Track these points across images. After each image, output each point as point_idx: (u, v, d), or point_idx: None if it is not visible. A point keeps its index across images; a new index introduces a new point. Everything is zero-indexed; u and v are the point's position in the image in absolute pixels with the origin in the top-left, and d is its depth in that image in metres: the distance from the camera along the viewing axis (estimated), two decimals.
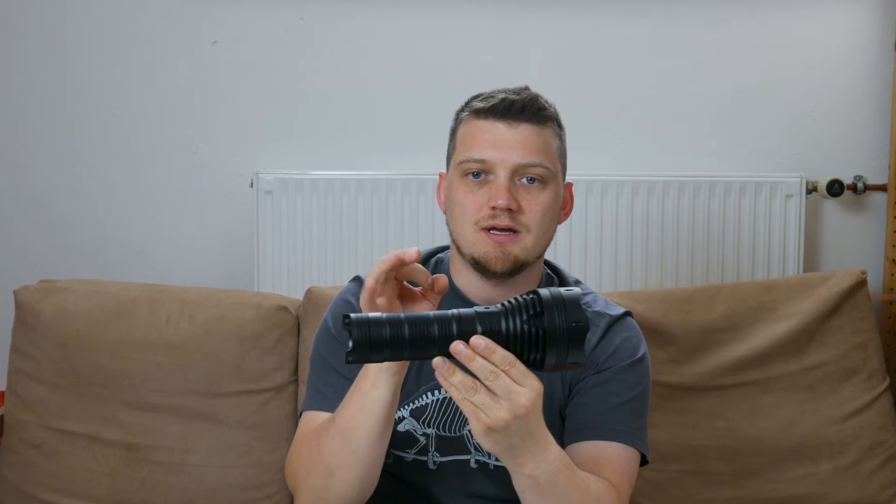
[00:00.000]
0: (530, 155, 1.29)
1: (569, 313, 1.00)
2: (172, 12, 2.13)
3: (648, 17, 2.16)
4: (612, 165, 2.17)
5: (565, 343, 1.00)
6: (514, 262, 1.28)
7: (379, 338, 0.99)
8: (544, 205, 1.30)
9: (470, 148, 1.31)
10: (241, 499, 1.78)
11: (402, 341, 1.00)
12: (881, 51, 2.19)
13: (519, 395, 1.00)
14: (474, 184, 1.30)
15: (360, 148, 2.15)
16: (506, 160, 1.28)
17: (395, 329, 1.00)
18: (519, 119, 1.30)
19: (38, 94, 2.15)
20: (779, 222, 2.12)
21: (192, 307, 1.83)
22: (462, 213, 1.30)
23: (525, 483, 1.10)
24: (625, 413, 1.30)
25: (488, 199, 1.28)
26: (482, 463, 1.33)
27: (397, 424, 1.33)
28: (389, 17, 2.14)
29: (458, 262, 1.35)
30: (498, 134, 1.30)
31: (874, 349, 1.92)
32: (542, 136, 1.31)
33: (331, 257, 2.08)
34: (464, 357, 0.99)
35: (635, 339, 1.37)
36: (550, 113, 1.34)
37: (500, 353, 1.00)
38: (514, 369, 1.00)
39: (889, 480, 1.86)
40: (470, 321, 1.01)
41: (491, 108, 1.30)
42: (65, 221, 2.18)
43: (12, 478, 1.81)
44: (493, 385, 0.99)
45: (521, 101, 1.30)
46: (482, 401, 1.00)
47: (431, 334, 1.00)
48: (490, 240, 1.28)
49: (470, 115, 1.33)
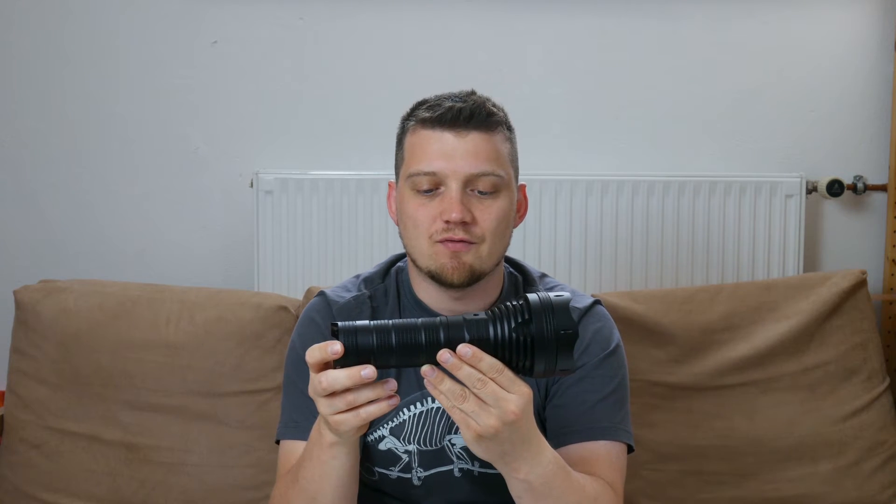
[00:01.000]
0: (481, 164, 1.25)
1: (557, 319, 1.00)
2: (172, 12, 2.13)
3: (648, 17, 2.16)
4: (612, 165, 2.17)
5: (553, 350, 1.00)
6: (469, 273, 1.26)
7: (366, 346, 0.99)
8: (499, 214, 1.27)
9: (419, 160, 1.26)
10: (241, 499, 1.78)
11: (388, 349, 0.99)
12: (881, 51, 2.19)
13: (508, 402, 0.99)
14: (425, 196, 1.26)
15: (360, 148, 2.15)
16: (457, 171, 1.24)
17: (381, 337, 0.99)
18: (467, 127, 1.25)
19: (38, 94, 2.15)
20: (779, 222, 2.12)
21: (192, 307, 1.83)
22: (415, 226, 1.27)
23: (520, 488, 1.09)
24: (606, 409, 1.29)
25: (441, 212, 1.24)
26: (466, 471, 1.33)
27: (378, 444, 1.32)
28: (389, 17, 2.14)
29: (416, 274, 1.32)
30: (446, 144, 1.25)
31: (874, 349, 1.92)
32: (491, 143, 1.27)
33: (331, 257, 2.08)
34: (450, 366, 0.99)
35: (606, 329, 1.35)
36: (499, 118, 1.29)
37: (487, 361, 0.99)
38: (501, 376, 1.00)
39: (889, 480, 1.86)
40: (458, 328, 1.01)
41: (438, 118, 1.26)
42: (65, 221, 2.18)
43: (12, 478, 1.81)
44: (482, 392, 0.99)
45: (468, 108, 1.25)
46: (471, 408, 0.99)
47: (419, 342, 1.00)
48: (446, 249, 1.24)
49: (416, 125, 1.29)
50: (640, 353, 1.85)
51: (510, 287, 1.37)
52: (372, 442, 1.33)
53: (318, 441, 1.12)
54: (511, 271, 1.40)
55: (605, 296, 1.87)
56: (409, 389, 1.31)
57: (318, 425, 1.12)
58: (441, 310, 1.32)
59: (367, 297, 1.35)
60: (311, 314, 1.36)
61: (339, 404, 1.01)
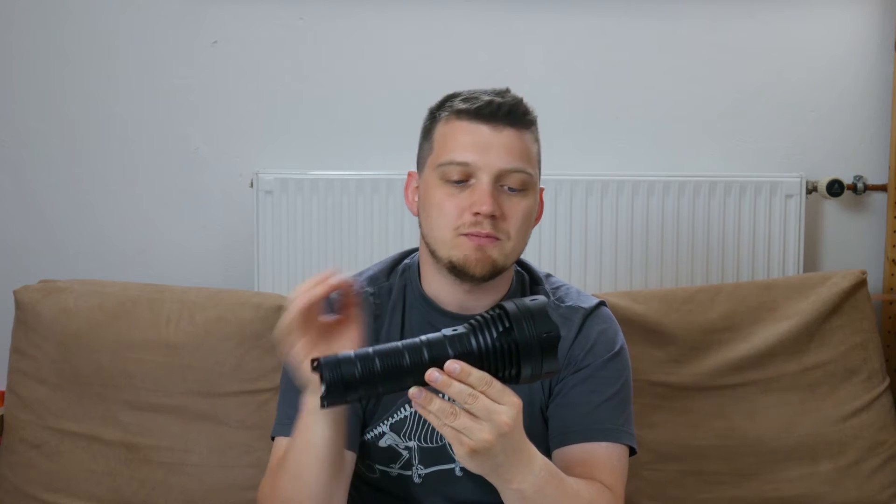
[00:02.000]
0: (514, 160, 1.26)
1: (538, 324, 1.00)
2: (172, 12, 2.13)
3: (648, 17, 2.16)
4: (612, 165, 2.17)
5: (538, 354, 1.00)
6: (492, 266, 1.26)
7: (351, 377, 0.98)
8: (525, 212, 1.28)
9: (451, 150, 1.26)
10: (241, 499, 1.78)
11: (374, 376, 0.98)
12: (881, 51, 2.19)
13: (500, 414, 0.99)
14: (455, 187, 1.26)
15: (360, 148, 2.15)
16: (490, 164, 1.24)
17: (366, 365, 0.98)
18: (503, 122, 1.26)
19: (38, 94, 2.15)
20: (779, 222, 2.12)
21: (192, 307, 1.83)
22: (441, 216, 1.26)
23: (513, 497, 1.09)
24: (609, 410, 1.29)
25: (470, 204, 1.24)
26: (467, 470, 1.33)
27: (378, 440, 1.32)
28: (389, 17, 2.14)
29: (430, 267, 1.32)
30: (481, 137, 1.25)
31: (874, 349, 1.92)
32: (524, 141, 1.28)
33: (331, 257, 2.08)
34: (440, 384, 0.98)
35: (611, 330, 1.35)
36: (532, 118, 1.31)
37: (475, 375, 0.99)
38: (491, 388, 0.99)
39: (889, 480, 1.86)
40: (440, 346, 1.00)
41: (476, 110, 1.26)
42: (65, 221, 2.18)
43: (12, 478, 1.81)
44: (473, 407, 0.99)
45: (506, 104, 1.27)
46: (464, 424, 0.99)
47: (403, 365, 0.99)
48: (470, 242, 1.24)
49: (451, 116, 1.28)
50: (640, 353, 1.85)
51: (518, 285, 1.37)
52: (372, 438, 1.33)
53: (303, 411, 1.14)
54: (518, 270, 1.40)
55: (605, 296, 1.86)
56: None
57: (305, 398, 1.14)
58: (450, 304, 1.32)
59: (369, 294, 1.35)
60: None
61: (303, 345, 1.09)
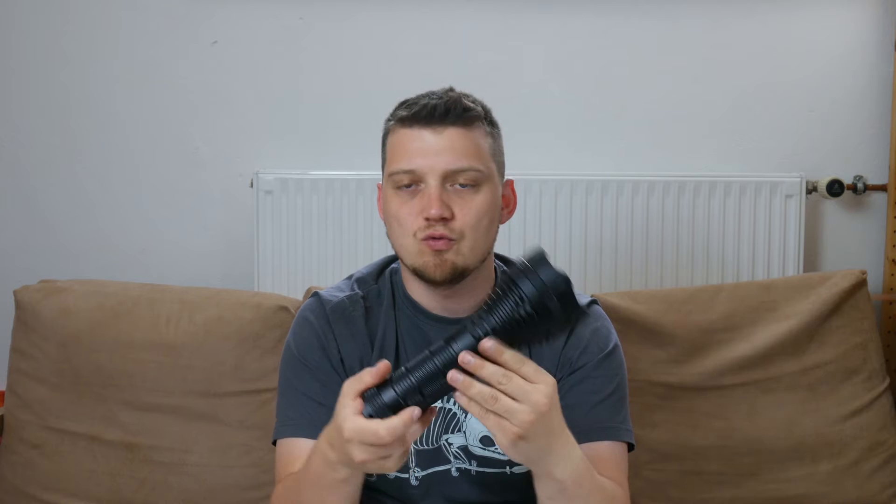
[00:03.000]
0: (459, 159, 1.25)
1: (543, 273, 0.99)
2: (172, 12, 2.13)
3: (648, 17, 2.16)
4: (612, 165, 2.17)
5: (556, 300, 0.98)
6: (452, 270, 1.25)
7: (392, 400, 1.00)
8: (479, 209, 1.26)
9: (399, 159, 1.27)
10: (241, 499, 1.78)
11: (413, 390, 1.00)
12: (881, 51, 2.19)
13: (536, 393, 0.99)
14: (407, 194, 1.26)
15: (360, 148, 2.15)
16: (434, 167, 1.24)
17: (402, 383, 1.01)
18: (444, 123, 1.25)
19: (38, 93, 2.15)
20: (779, 222, 2.12)
21: (192, 307, 1.83)
22: (399, 225, 1.27)
23: (553, 489, 1.09)
24: (607, 409, 1.30)
25: (421, 209, 1.25)
26: (464, 470, 1.33)
27: None
28: (389, 17, 2.14)
29: (407, 274, 1.33)
30: (424, 142, 1.25)
31: (874, 349, 1.92)
32: (469, 138, 1.27)
33: (331, 257, 2.08)
34: (473, 366, 0.99)
35: (604, 328, 1.35)
36: (476, 112, 1.28)
37: (508, 353, 0.99)
38: (525, 367, 1.00)
39: (889, 480, 1.86)
40: (462, 335, 1.01)
41: (414, 115, 1.26)
42: (65, 221, 2.18)
43: (12, 478, 1.81)
44: (508, 388, 0.99)
45: (443, 104, 1.25)
46: (505, 406, 0.99)
47: (435, 368, 1.00)
48: (429, 248, 1.25)
49: (396, 124, 1.29)
50: (640, 353, 1.85)
51: None
52: None
53: (329, 474, 1.10)
54: (504, 269, 1.40)
55: (605, 296, 1.87)
56: None
57: (324, 460, 1.10)
58: (433, 308, 1.32)
59: (360, 297, 1.36)
60: (306, 314, 1.36)
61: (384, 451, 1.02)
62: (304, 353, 1.32)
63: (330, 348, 1.32)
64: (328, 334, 1.33)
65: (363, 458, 1.01)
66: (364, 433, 1.00)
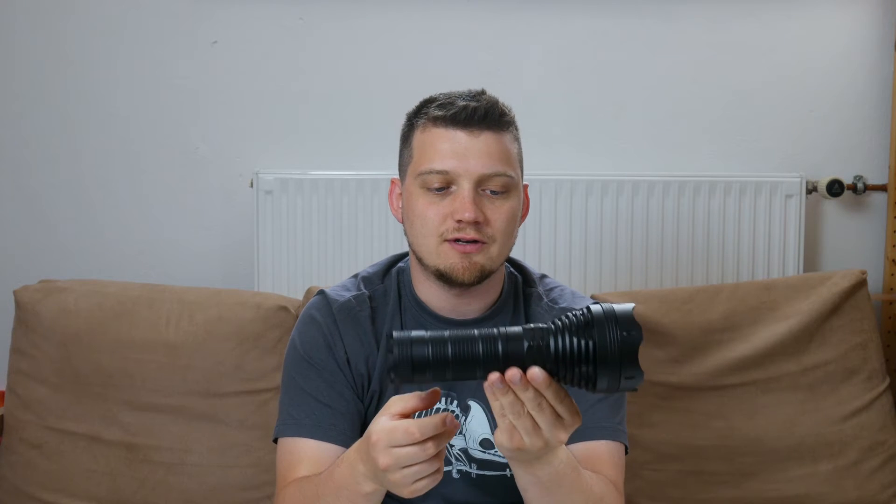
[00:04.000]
0: (494, 164, 1.25)
1: (621, 326, 0.95)
2: (172, 12, 2.13)
3: (648, 17, 2.16)
4: (612, 165, 2.17)
5: (616, 359, 0.94)
6: (480, 272, 1.25)
7: (421, 358, 0.95)
8: (509, 214, 1.27)
9: (430, 158, 1.25)
10: (241, 499, 1.78)
11: (444, 361, 0.95)
12: (881, 51, 2.19)
13: (560, 432, 0.97)
14: (436, 195, 1.25)
15: (360, 148, 2.15)
16: (469, 171, 1.24)
17: (437, 348, 0.95)
18: (480, 127, 1.25)
19: (38, 93, 2.15)
20: (779, 222, 2.12)
21: (192, 307, 1.83)
22: (424, 225, 1.26)
23: (527, 480, 1.10)
24: (605, 409, 1.29)
25: (452, 211, 1.24)
26: (464, 472, 1.33)
27: None
28: (389, 17, 2.14)
29: (420, 273, 1.32)
30: (459, 143, 1.24)
31: (874, 349, 1.92)
32: (502, 143, 1.27)
33: (331, 257, 2.08)
34: (518, 386, 0.94)
35: None
36: (510, 118, 1.29)
37: (553, 389, 0.95)
38: (562, 405, 0.97)
39: (889, 480, 1.86)
40: (516, 340, 0.96)
41: (452, 117, 1.25)
42: (65, 221, 2.18)
43: (12, 478, 1.81)
44: (538, 416, 0.96)
45: (482, 108, 1.25)
46: (524, 425, 0.97)
47: (475, 354, 0.95)
48: (455, 250, 1.24)
49: (427, 123, 1.28)
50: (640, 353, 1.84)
51: (510, 287, 1.37)
52: None
53: (353, 487, 1.09)
54: (511, 271, 1.40)
55: (605, 296, 1.87)
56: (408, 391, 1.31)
57: (352, 472, 1.08)
58: (442, 309, 1.32)
59: (366, 296, 1.35)
60: (312, 312, 1.35)
61: (415, 475, 0.99)
62: (309, 351, 1.32)
63: (336, 348, 1.31)
64: (335, 334, 1.32)
65: (387, 462, 0.99)
66: (393, 433, 0.98)
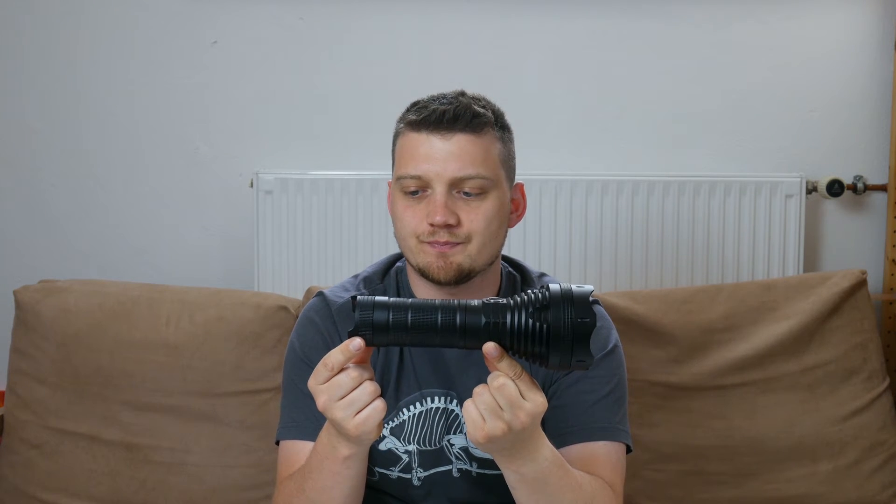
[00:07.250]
0: (466, 167, 1.25)
1: (576, 310, 1.00)
2: (172, 12, 2.13)
3: (648, 17, 2.16)
4: (612, 165, 2.17)
5: (569, 340, 0.99)
6: (457, 271, 1.26)
7: (382, 322, 1.01)
8: (486, 215, 1.26)
9: (406, 163, 1.27)
10: (241, 499, 1.78)
11: (403, 326, 1.01)
12: (881, 51, 2.19)
13: (520, 410, 1.01)
14: (412, 199, 1.27)
15: (360, 148, 2.15)
16: (441, 174, 1.24)
17: (397, 314, 1.01)
18: (452, 129, 1.25)
19: (39, 93, 2.15)
20: (779, 222, 2.12)
21: (192, 307, 1.83)
22: (403, 227, 1.28)
23: (513, 478, 1.11)
24: (604, 409, 1.29)
25: (426, 214, 1.25)
26: (465, 471, 1.33)
27: (378, 444, 1.32)
28: (389, 17, 2.14)
29: (412, 272, 1.34)
30: (432, 147, 1.25)
31: (874, 349, 1.92)
32: (478, 145, 1.26)
33: (331, 257, 2.08)
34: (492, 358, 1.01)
35: (605, 329, 1.35)
36: (486, 118, 1.27)
37: (506, 361, 1.00)
38: (519, 380, 1.01)
39: (889, 480, 1.86)
40: (474, 312, 1.01)
41: (423, 120, 1.26)
42: (65, 221, 2.18)
43: (12, 478, 1.81)
44: (497, 394, 1.01)
45: (452, 110, 1.25)
46: (486, 401, 1.01)
47: (434, 322, 1.01)
48: (433, 249, 1.26)
49: (405, 128, 1.29)
50: (640, 353, 1.85)
51: (508, 286, 1.37)
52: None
53: (331, 454, 1.12)
54: (510, 271, 1.40)
55: (605, 296, 1.87)
56: (408, 390, 1.31)
57: (328, 438, 1.12)
58: None
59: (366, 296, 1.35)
60: (310, 314, 1.36)
61: (350, 405, 1.03)
62: (308, 353, 1.32)
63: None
64: (333, 335, 1.32)
65: (322, 400, 1.04)
66: (315, 374, 1.04)
